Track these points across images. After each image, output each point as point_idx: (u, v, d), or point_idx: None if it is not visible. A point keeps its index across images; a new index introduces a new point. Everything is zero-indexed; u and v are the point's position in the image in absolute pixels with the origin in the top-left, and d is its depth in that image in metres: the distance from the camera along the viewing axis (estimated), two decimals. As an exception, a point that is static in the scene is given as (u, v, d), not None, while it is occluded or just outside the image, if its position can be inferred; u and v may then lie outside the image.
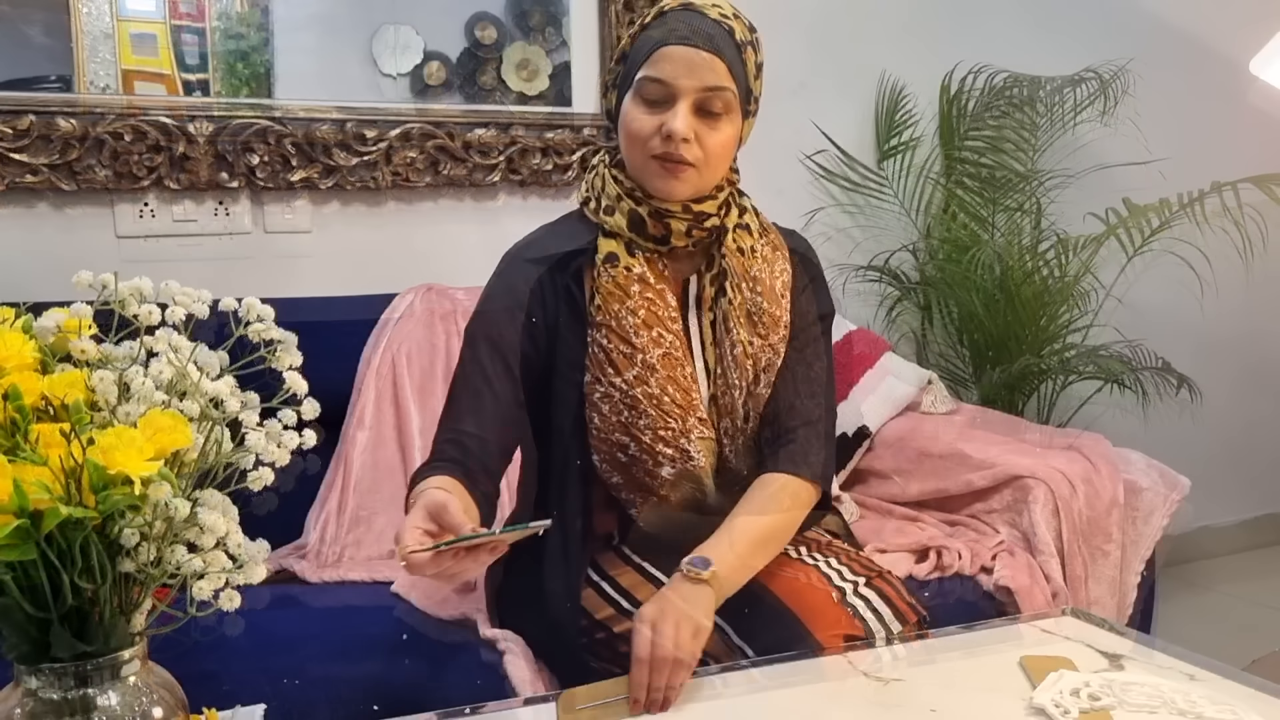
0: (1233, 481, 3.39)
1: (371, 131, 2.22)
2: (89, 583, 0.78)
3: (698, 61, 1.35)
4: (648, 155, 1.38)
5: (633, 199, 1.42)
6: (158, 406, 0.81)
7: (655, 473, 1.42)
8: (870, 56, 2.76)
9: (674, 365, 1.42)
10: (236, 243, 2.18)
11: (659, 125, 1.37)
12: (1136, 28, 3.03)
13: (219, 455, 0.85)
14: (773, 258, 1.49)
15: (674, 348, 1.42)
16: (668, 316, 1.43)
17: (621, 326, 1.41)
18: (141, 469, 0.75)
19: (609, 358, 1.41)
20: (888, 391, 2.29)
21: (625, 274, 1.42)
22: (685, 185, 1.39)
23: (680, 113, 1.35)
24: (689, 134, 1.36)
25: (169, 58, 2.08)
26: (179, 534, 0.81)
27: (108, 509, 0.75)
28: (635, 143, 1.39)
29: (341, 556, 1.93)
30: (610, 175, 1.46)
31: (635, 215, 1.42)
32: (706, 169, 1.39)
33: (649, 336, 1.41)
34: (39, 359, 0.83)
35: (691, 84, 1.35)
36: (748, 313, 1.45)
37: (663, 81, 1.36)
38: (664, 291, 1.43)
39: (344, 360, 2.06)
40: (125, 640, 0.82)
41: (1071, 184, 2.84)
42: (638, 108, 1.39)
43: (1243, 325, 3.34)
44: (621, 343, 1.41)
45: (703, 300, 1.47)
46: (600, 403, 1.42)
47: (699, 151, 1.37)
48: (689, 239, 1.43)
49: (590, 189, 1.49)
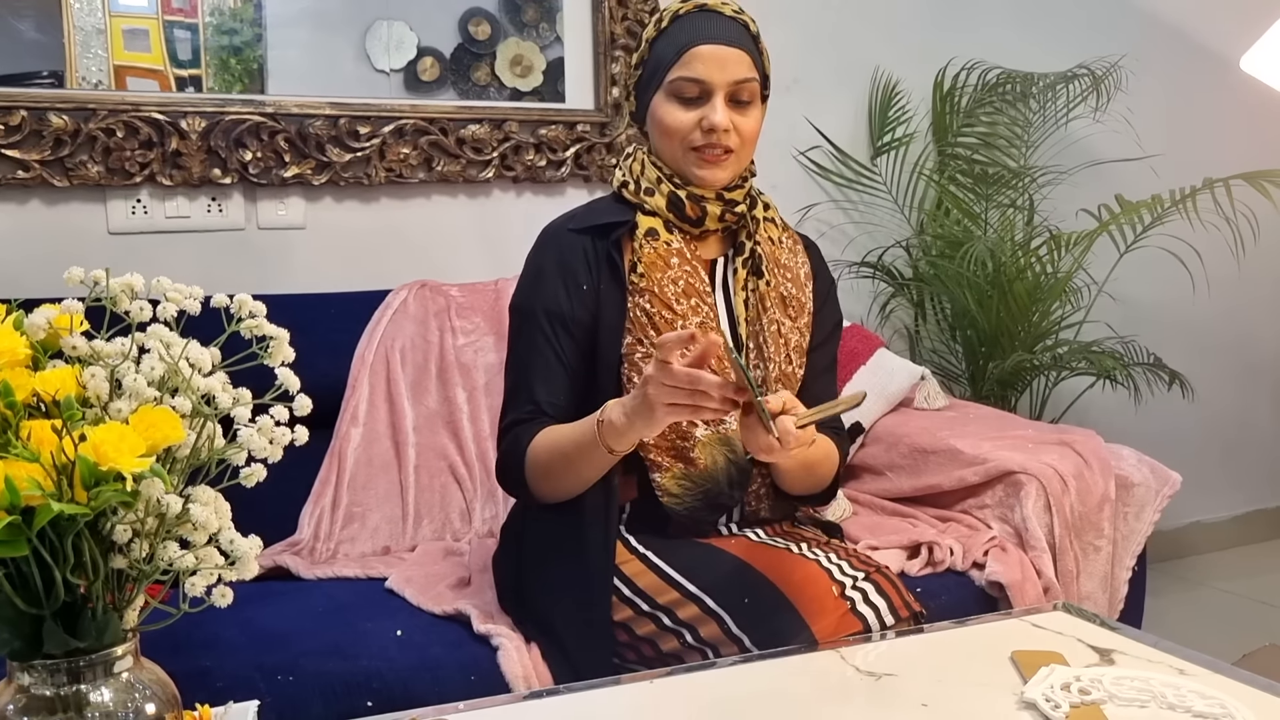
0: (1223, 477, 3.40)
1: (365, 127, 2.21)
2: (81, 579, 0.78)
3: (728, 58, 1.49)
4: (688, 148, 1.52)
5: (672, 183, 1.54)
6: (150, 403, 0.81)
7: (689, 433, 1.49)
8: (864, 53, 2.77)
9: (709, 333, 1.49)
10: (230, 239, 2.17)
11: (698, 120, 1.50)
12: (1129, 25, 3.04)
13: (211, 451, 0.85)
14: (795, 250, 1.63)
15: (709, 318, 1.53)
16: (703, 290, 1.54)
17: (664, 293, 1.51)
18: (133, 465, 0.75)
19: (651, 321, 1.50)
20: (881, 387, 2.29)
21: (666, 247, 1.53)
22: (726, 171, 1.53)
23: (718, 106, 1.49)
24: (728, 125, 1.49)
25: (161, 53, 2.07)
26: (171, 530, 0.81)
27: (100, 505, 0.75)
28: (674, 138, 1.52)
29: (335, 553, 1.93)
30: (650, 161, 1.57)
31: (674, 198, 1.54)
32: (743, 152, 1.53)
33: (688, 305, 1.52)
34: (30, 355, 0.83)
35: (725, 79, 1.49)
36: (781, 296, 1.58)
37: (698, 80, 1.49)
38: (698, 268, 1.55)
39: (337, 356, 2.06)
40: (118, 636, 0.82)
41: (1064, 180, 2.85)
42: (673, 106, 1.51)
43: (1234, 321, 3.35)
44: (664, 308, 1.51)
45: (733, 282, 1.59)
46: (642, 363, 1.50)
47: (736, 139, 1.51)
48: (721, 223, 1.57)
49: (628, 174, 1.60)
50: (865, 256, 2.79)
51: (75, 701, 0.81)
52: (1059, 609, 1.43)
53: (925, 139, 2.85)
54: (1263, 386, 3.50)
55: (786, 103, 2.68)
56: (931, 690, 1.18)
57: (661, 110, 1.52)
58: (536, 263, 1.57)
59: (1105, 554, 1.97)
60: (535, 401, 1.50)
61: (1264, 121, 3.22)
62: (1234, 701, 1.12)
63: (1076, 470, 1.97)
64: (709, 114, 1.48)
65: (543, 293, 1.53)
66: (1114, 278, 2.74)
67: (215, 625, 1.40)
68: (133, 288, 0.87)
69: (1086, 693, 1.14)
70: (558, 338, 1.52)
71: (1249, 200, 2.50)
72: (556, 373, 1.51)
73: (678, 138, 1.51)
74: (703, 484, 1.50)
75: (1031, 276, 2.62)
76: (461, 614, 1.63)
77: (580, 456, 1.41)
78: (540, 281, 1.54)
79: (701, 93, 1.49)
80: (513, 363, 1.56)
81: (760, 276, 1.57)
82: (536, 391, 1.51)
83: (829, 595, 1.37)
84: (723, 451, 1.51)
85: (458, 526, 2.03)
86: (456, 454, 2.06)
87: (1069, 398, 2.83)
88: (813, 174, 2.74)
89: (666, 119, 1.51)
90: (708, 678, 1.25)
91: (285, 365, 0.89)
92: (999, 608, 1.81)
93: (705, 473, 1.50)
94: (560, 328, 1.52)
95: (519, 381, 1.53)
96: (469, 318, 2.16)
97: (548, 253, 1.56)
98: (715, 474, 1.51)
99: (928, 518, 2.04)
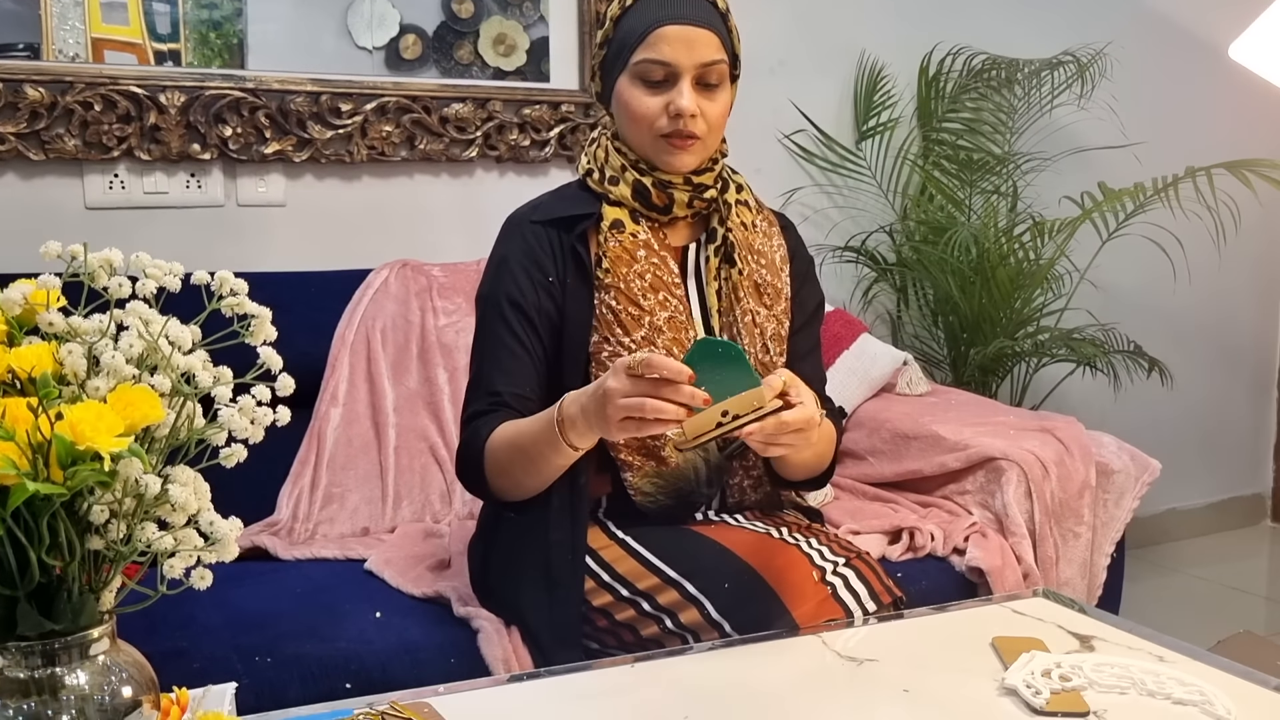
0: (1200, 464, 3.43)
1: (347, 104, 2.19)
2: (57, 560, 0.77)
3: (695, 38, 1.42)
4: (655, 134, 1.46)
5: (637, 170, 1.49)
6: (128, 381, 0.80)
7: (659, 434, 1.43)
8: (849, 36, 2.76)
9: (679, 328, 1.48)
10: (209, 215, 2.15)
11: (664, 104, 1.44)
12: (1114, 12, 3.04)
13: (191, 431, 0.84)
14: (770, 232, 1.58)
15: (678, 311, 1.49)
16: (671, 282, 1.49)
17: (630, 289, 1.46)
18: (111, 444, 0.74)
19: (618, 319, 1.46)
20: (863, 373, 2.29)
21: (631, 239, 1.48)
22: (693, 157, 1.47)
23: (685, 91, 1.43)
24: (695, 110, 1.43)
25: (140, 26, 2.04)
26: (150, 511, 0.80)
27: (76, 485, 0.74)
28: (640, 124, 1.46)
29: (314, 534, 1.92)
30: (613, 147, 1.52)
31: (640, 186, 1.49)
32: (710, 137, 1.47)
33: (655, 299, 1.47)
34: (5, 331, 0.82)
35: (692, 60, 1.42)
36: (755, 284, 1.53)
37: (664, 62, 1.42)
38: (666, 258, 1.50)
39: (317, 336, 2.05)
40: (94, 618, 0.81)
41: (1048, 167, 2.85)
42: (638, 89, 1.45)
43: (1214, 310, 3.37)
44: (630, 304, 1.46)
45: (705, 271, 1.54)
46: (608, 361, 1.45)
47: (704, 124, 1.45)
48: (690, 209, 1.51)
49: (592, 160, 1.55)
50: (849, 241, 2.78)
51: (50, 684, 0.80)
52: (1039, 595, 1.43)
53: (910, 124, 2.84)
54: (1240, 375, 3.52)
55: (771, 85, 2.67)
56: (912, 676, 1.18)
57: (627, 94, 1.46)
58: (501, 252, 1.52)
59: (1085, 540, 1.98)
60: (496, 392, 1.44)
61: (1247, 110, 3.23)
62: (1212, 688, 1.13)
63: (1057, 457, 1.98)
64: (675, 98, 1.42)
65: (506, 282, 1.48)
66: (1096, 265, 2.75)
67: (192, 606, 1.39)
68: (111, 263, 0.85)
69: (1067, 679, 1.14)
70: (522, 327, 1.47)
71: (1231, 189, 2.50)
72: (522, 363, 1.46)
73: (644, 124, 1.45)
74: (675, 482, 1.48)
75: (1014, 263, 2.63)
76: (441, 596, 1.62)
77: (539, 453, 1.35)
78: (504, 271, 1.49)
79: (667, 76, 1.43)
80: (476, 354, 1.51)
81: (733, 265, 1.52)
82: (497, 382, 1.45)
83: (809, 581, 1.36)
84: (696, 451, 1.48)
85: (438, 508, 2.02)
86: (437, 435, 2.05)
87: (1049, 384, 2.84)
88: (797, 158, 2.73)
89: (632, 104, 1.45)
90: (688, 662, 1.24)
91: (267, 344, 0.88)
92: (979, 593, 1.82)
93: (678, 471, 1.48)
94: (524, 318, 1.47)
95: (480, 372, 1.48)
96: (451, 298, 2.14)
97: (513, 242, 1.51)
98: (688, 472, 1.49)
99: (909, 503, 2.05)
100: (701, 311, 1.54)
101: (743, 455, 1.53)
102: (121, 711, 0.82)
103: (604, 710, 1.14)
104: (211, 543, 0.81)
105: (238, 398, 0.85)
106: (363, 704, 1.07)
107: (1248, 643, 1.93)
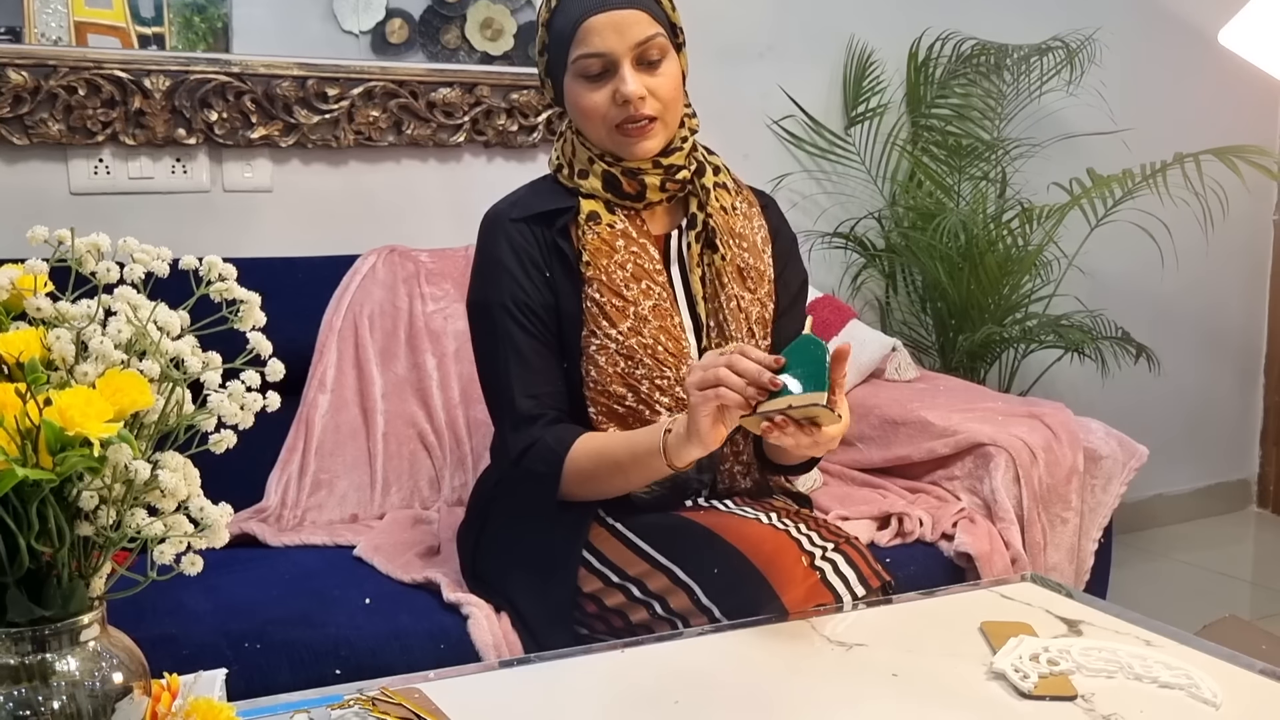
0: (1187, 450, 3.44)
1: (333, 89, 2.18)
2: (46, 546, 0.77)
3: (624, 21, 1.41)
4: (610, 126, 1.45)
5: (604, 161, 1.48)
6: (117, 366, 0.79)
7: (653, 422, 1.44)
8: (838, 20, 2.75)
9: (664, 316, 1.48)
10: (194, 201, 2.14)
11: (611, 95, 1.43)
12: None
13: (180, 417, 0.83)
14: (750, 213, 1.57)
15: (662, 299, 1.48)
16: (653, 270, 1.49)
17: (612, 280, 1.46)
18: (100, 430, 0.74)
19: (603, 311, 1.45)
20: (852, 358, 2.29)
21: (609, 230, 1.47)
22: (655, 140, 1.46)
23: (627, 75, 1.42)
24: (643, 92, 1.42)
25: (123, 9, 2.03)
26: (139, 497, 0.80)
27: (66, 471, 0.73)
28: (594, 119, 1.45)
29: (303, 520, 1.91)
30: (578, 141, 1.50)
31: (609, 176, 1.48)
32: (668, 114, 1.46)
33: (639, 289, 1.46)
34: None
35: (626, 44, 1.42)
36: (738, 268, 1.52)
37: (599, 54, 1.42)
38: (646, 245, 1.50)
39: (305, 322, 2.04)
40: (84, 605, 0.81)
41: (1037, 153, 2.85)
42: (583, 86, 1.45)
43: (1201, 296, 3.38)
44: (614, 296, 1.45)
45: (688, 257, 1.53)
46: (596, 355, 1.45)
47: (656, 103, 1.44)
48: (663, 193, 1.50)
49: (561, 155, 1.54)
50: (837, 227, 2.78)
51: (40, 670, 0.79)
52: (1027, 580, 1.44)
53: (899, 110, 2.84)
54: (1227, 361, 3.54)
55: (760, 70, 2.67)
56: (901, 660, 1.19)
57: (574, 93, 1.45)
58: (489, 253, 1.49)
59: (1073, 526, 1.98)
60: (535, 394, 1.44)
61: (1235, 97, 3.23)
62: (1199, 672, 1.14)
63: (1045, 443, 1.98)
64: (619, 86, 1.41)
65: (504, 282, 1.46)
66: (1084, 251, 2.75)
67: (181, 593, 1.39)
68: (99, 248, 0.84)
69: (1055, 663, 1.15)
70: (534, 324, 1.46)
71: (1218, 175, 2.51)
72: (545, 359, 1.46)
73: (596, 118, 1.44)
74: None
75: (1002, 249, 2.63)
76: (431, 583, 1.62)
77: (635, 467, 1.37)
78: (499, 271, 1.47)
79: (606, 66, 1.42)
80: (494, 362, 1.47)
81: (715, 250, 1.51)
82: (532, 383, 1.44)
83: (799, 566, 1.37)
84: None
85: (426, 495, 2.02)
86: (426, 421, 2.04)
87: (1037, 370, 2.85)
88: (786, 143, 2.73)
89: (581, 102, 1.45)
90: (678, 647, 1.25)
91: (256, 329, 0.87)
92: (967, 579, 1.82)
93: None
94: (533, 315, 1.46)
95: (507, 376, 1.45)
96: (439, 284, 2.13)
97: (499, 241, 1.49)
98: None
99: (897, 489, 2.05)
100: (686, 298, 1.53)
101: (731, 439, 1.53)
102: (112, 697, 0.82)
103: (594, 695, 1.14)
104: (202, 528, 0.81)
105: (227, 383, 0.84)
106: (353, 690, 1.07)
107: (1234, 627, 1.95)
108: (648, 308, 1.47)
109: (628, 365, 1.45)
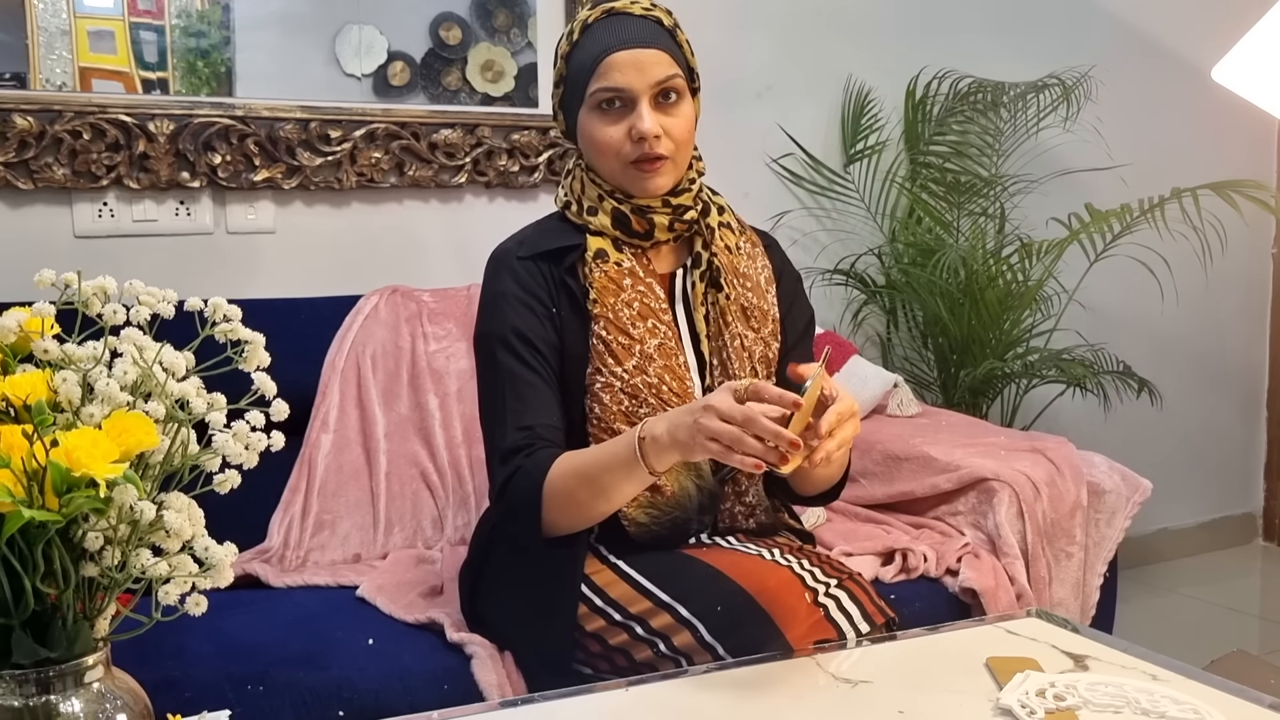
0: (1190, 484, 3.44)
1: (336, 131, 2.20)
2: (51, 587, 0.77)
3: (644, 60, 1.43)
4: (624, 162, 1.46)
5: (614, 199, 1.49)
6: (123, 408, 0.80)
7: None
8: (836, 60, 2.78)
9: (669, 355, 1.48)
10: (198, 243, 2.15)
11: (626, 130, 1.44)
12: (1099, 35, 3.07)
13: (185, 457, 0.84)
14: (754, 253, 1.58)
15: (668, 338, 1.49)
16: (659, 308, 1.49)
17: (619, 318, 1.46)
18: (106, 471, 0.74)
19: (609, 349, 1.46)
20: (854, 395, 2.28)
21: (616, 269, 1.48)
22: (666, 178, 1.48)
23: (644, 113, 1.43)
24: (658, 130, 1.44)
25: (127, 55, 2.05)
26: (144, 537, 0.80)
27: (71, 512, 0.74)
28: (607, 153, 1.47)
29: (305, 560, 1.91)
30: (588, 178, 1.52)
31: (619, 214, 1.49)
32: (680, 154, 1.48)
33: (645, 327, 1.47)
34: (0, 359, 0.81)
35: (645, 82, 1.43)
36: (742, 307, 1.53)
37: (618, 89, 1.43)
38: (652, 285, 1.50)
39: (307, 362, 2.04)
40: (88, 646, 0.81)
41: (1035, 189, 2.87)
42: (599, 120, 1.46)
43: (1202, 329, 3.39)
44: (620, 334, 1.46)
45: (692, 296, 1.53)
46: (601, 393, 1.46)
47: (670, 143, 1.45)
48: (671, 233, 1.51)
49: (569, 193, 1.55)
50: (838, 264, 2.80)
51: (45, 712, 0.79)
52: (1032, 615, 1.43)
53: (897, 147, 2.86)
54: (1229, 394, 3.54)
55: (759, 109, 2.69)
56: (907, 697, 1.18)
57: (589, 127, 1.47)
58: (494, 289, 1.50)
59: (1077, 560, 1.98)
60: (527, 427, 1.41)
61: (1231, 132, 3.26)
62: (1207, 707, 1.13)
63: (1048, 477, 1.98)
64: (636, 122, 1.43)
65: (508, 317, 1.46)
66: (1084, 286, 2.76)
67: (183, 634, 1.39)
68: (105, 290, 0.85)
69: (1061, 698, 1.14)
70: (534, 359, 1.45)
71: (1216, 210, 2.52)
72: (542, 394, 1.44)
73: (610, 153, 1.46)
74: (670, 511, 1.47)
75: (1003, 284, 2.64)
76: (434, 623, 1.62)
77: (612, 480, 1.34)
78: (503, 306, 1.47)
79: (624, 101, 1.44)
80: (490, 392, 1.47)
81: (719, 289, 1.52)
82: (525, 416, 1.42)
83: (802, 602, 1.36)
84: (690, 478, 1.47)
85: (429, 534, 2.01)
86: (428, 461, 2.05)
87: (1039, 405, 2.85)
88: (785, 181, 2.74)
89: (596, 135, 1.46)
90: (682, 686, 1.24)
91: (261, 370, 0.88)
92: (972, 614, 1.81)
93: (673, 499, 1.47)
94: (534, 350, 1.45)
95: (502, 409, 1.43)
96: (441, 323, 2.14)
97: (504, 277, 1.49)
98: (683, 500, 1.47)
99: (901, 524, 2.05)
100: (691, 337, 1.54)
101: (734, 480, 1.53)
102: (116, 740, 0.82)
103: (599, 735, 1.13)
104: (206, 568, 0.81)
105: (231, 423, 0.85)
106: (357, 731, 1.07)
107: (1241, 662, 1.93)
108: (653, 346, 1.47)
109: (632, 404, 1.45)
